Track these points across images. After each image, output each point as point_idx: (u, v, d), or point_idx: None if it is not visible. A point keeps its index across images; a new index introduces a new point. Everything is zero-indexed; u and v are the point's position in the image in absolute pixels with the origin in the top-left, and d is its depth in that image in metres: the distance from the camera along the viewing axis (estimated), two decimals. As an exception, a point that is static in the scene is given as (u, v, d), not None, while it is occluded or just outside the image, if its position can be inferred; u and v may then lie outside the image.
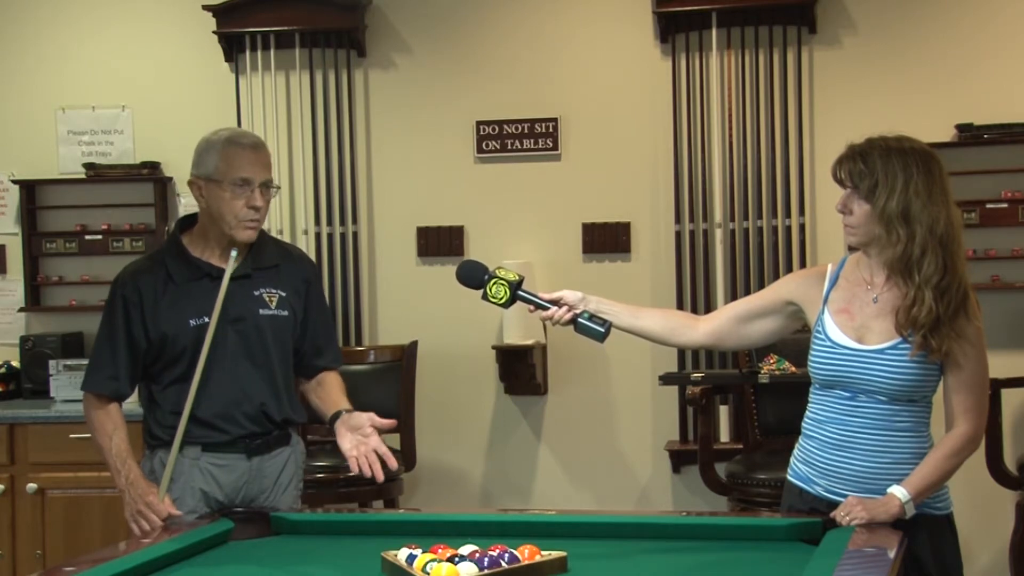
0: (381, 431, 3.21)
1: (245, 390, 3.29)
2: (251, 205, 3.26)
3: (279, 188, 3.47)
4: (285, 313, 3.36)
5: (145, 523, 3.14)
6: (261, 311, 3.32)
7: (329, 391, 3.43)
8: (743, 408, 5.33)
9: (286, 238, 5.97)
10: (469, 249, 5.89)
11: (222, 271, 3.30)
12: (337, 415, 3.30)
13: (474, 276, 3.03)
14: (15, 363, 5.94)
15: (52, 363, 5.73)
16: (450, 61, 5.94)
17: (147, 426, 3.36)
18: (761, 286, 5.31)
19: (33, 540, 5.33)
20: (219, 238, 3.31)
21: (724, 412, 5.61)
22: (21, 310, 6.16)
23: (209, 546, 2.91)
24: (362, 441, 3.20)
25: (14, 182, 6.13)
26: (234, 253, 3.29)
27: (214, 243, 3.32)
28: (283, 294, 3.36)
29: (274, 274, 3.38)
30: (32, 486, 5.32)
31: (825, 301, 3.00)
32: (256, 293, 3.32)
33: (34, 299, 6.16)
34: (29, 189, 6.14)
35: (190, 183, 3.32)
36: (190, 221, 3.40)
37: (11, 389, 5.89)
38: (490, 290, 3.01)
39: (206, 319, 3.25)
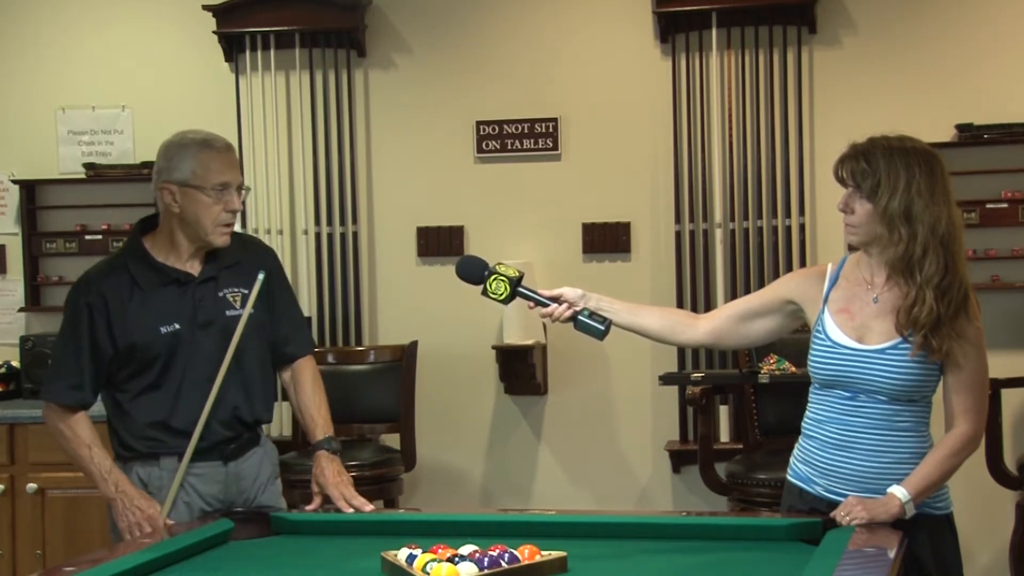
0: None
1: (219, 396, 3.21)
2: (230, 209, 3.21)
3: (250, 189, 3.42)
4: (252, 312, 3.29)
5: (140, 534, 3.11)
6: (228, 312, 3.26)
7: (307, 399, 3.42)
8: (743, 408, 5.32)
9: (286, 238, 5.98)
10: (469, 249, 5.89)
11: (190, 276, 3.25)
12: (318, 447, 3.34)
13: (474, 272, 3.02)
14: (15, 363, 5.94)
15: (52, 363, 5.72)
16: (450, 61, 5.94)
17: (117, 437, 3.27)
18: (761, 286, 5.28)
19: (33, 540, 5.33)
20: (190, 243, 3.24)
21: (724, 412, 5.62)
22: (21, 310, 6.16)
23: (209, 546, 2.91)
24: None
25: (14, 182, 6.13)
26: (261, 276, 3.26)
27: (183, 248, 3.25)
28: (246, 292, 3.28)
29: (235, 272, 3.31)
30: (32, 486, 5.32)
31: (825, 301, 3.00)
32: (221, 295, 3.27)
33: (34, 299, 6.16)
34: (29, 189, 6.14)
35: (161, 189, 3.22)
36: (150, 223, 3.31)
37: (11, 389, 5.89)
38: (490, 286, 3.00)
39: (177, 326, 3.20)
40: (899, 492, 2.83)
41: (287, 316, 3.44)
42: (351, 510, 3.17)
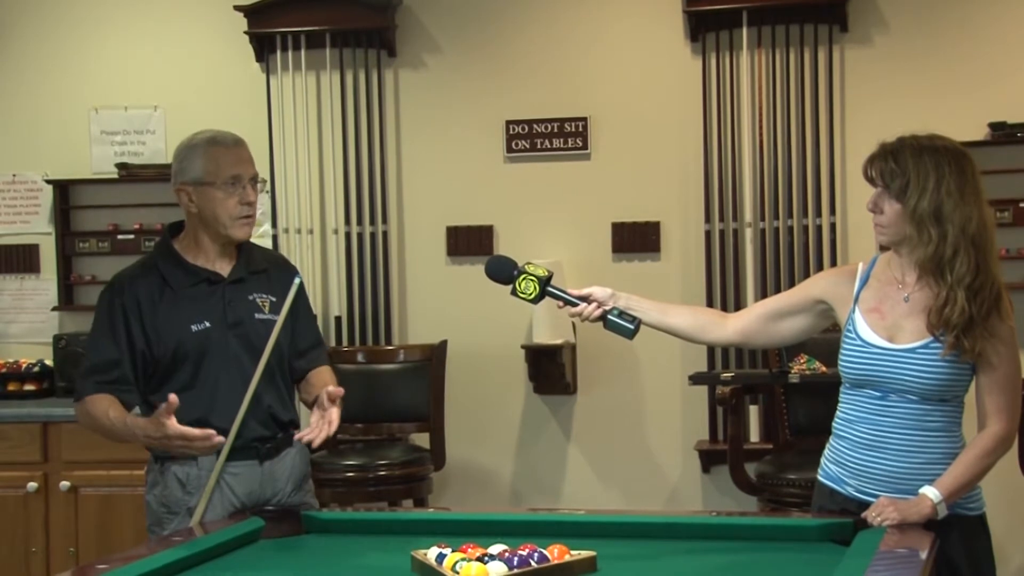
0: (333, 399, 3.18)
1: (254, 396, 3.23)
2: (245, 201, 3.26)
3: (266, 182, 3.46)
4: (276, 318, 3.31)
5: (193, 447, 3.01)
6: (256, 315, 3.30)
7: (318, 379, 3.41)
8: (773, 408, 5.31)
9: (316, 238, 6.00)
10: (499, 248, 5.89)
11: (219, 276, 3.29)
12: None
13: (503, 271, 3.03)
14: (48, 362, 5.99)
15: (85, 362, 5.75)
16: (480, 61, 5.95)
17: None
18: (791, 286, 5.26)
19: (66, 537, 5.37)
20: (213, 241, 3.29)
21: (754, 412, 5.60)
22: (54, 309, 6.21)
23: (240, 544, 2.92)
24: (321, 415, 3.18)
25: (48, 182, 6.18)
26: (297, 280, 3.30)
27: (207, 248, 3.30)
28: (273, 299, 3.33)
29: (265, 279, 3.36)
30: (65, 484, 5.36)
31: (856, 300, 2.98)
32: (250, 298, 3.31)
33: (67, 298, 6.20)
34: (62, 189, 6.19)
35: (177, 191, 3.29)
36: (178, 227, 3.38)
37: (44, 388, 5.93)
38: (519, 285, 3.00)
39: (207, 324, 3.24)
40: (931, 493, 2.81)
41: (306, 334, 3.48)
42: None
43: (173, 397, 3.01)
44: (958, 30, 5.53)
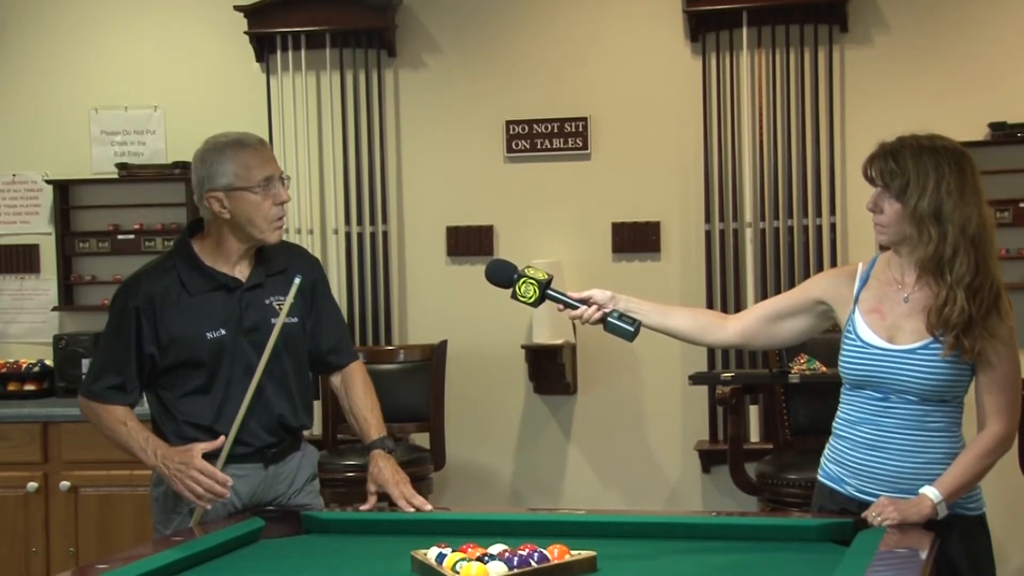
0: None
1: (263, 401, 3.22)
2: (278, 201, 3.21)
3: (290, 178, 3.43)
4: (295, 320, 3.28)
5: (205, 485, 3.04)
6: (272, 320, 3.24)
7: (359, 402, 3.41)
8: (773, 408, 5.31)
9: (316, 238, 6.00)
10: (499, 249, 5.89)
11: (238, 282, 3.24)
12: (373, 446, 3.36)
13: (503, 275, 3.02)
14: (48, 362, 5.99)
15: (85, 362, 5.76)
16: (480, 61, 5.95)
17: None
18: (791, 286, 5.26)
19: (66, 537, 5.37)
20: (241, 244, 3.24)
21: (754, 412, 5.60)
22: (54, 309, 6.21)
23: (240, 544, 2.92)
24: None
25: (48, 182, 6.18)
26: (297, 280, 3.24)
27: (231, 253, 3.24)
28: (292, 302, 3.28)
29: (282, 280, 3.30)
30: (65, 484, 5.36)
31: (856, 300, 2.98)
32: (267, 302, 3.26)
33: (67, 298, 6.20)
34: (62, 189, 6.19)
35: (207, 198, 3.19)
36: (197, 225, 3.31)
37: (45, 388, 5.94)
38: (519, 289, 3.00)
39: (223, 331, 3.20)
40: (931, 493, 2.81)
41: (333, 328, 3.44)
42: (412, 509, 3.17)
43: (221, 439, 3.10)
44: (958, 30, 5.53)
